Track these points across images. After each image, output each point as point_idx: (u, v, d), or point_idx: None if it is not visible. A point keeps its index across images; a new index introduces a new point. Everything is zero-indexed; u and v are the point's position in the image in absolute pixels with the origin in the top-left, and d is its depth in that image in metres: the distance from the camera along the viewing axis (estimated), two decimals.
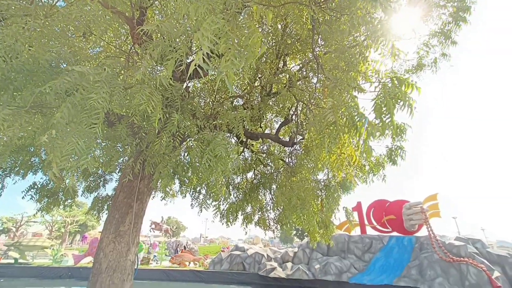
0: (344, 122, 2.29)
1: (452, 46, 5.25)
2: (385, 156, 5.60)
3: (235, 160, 3.85)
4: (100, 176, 7.41)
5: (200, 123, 4.05)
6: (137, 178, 4.02)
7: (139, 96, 2.77)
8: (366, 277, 11.95)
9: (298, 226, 5.70)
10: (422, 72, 5.98)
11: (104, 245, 3.54)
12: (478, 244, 12.49)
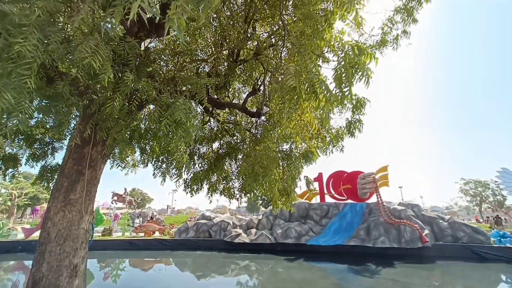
0: (304, 89, 2.29)
1: (413, 24, 5.46)
2: (345, 129, 5.89)
3: (197, 126, 3.71)
4: (47, 143, 6.70)
5: (159, 86, 3.76)
6: (88, 143, 3.70)
7: (82, 48, 2.42)
8: (322, 239, 13.29)
9: (260, 193, 5.92)
10: (385, 48, 6.19)
11: (52, 214, 3.30)
12: (416, 208, 14.49)
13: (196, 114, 3.67)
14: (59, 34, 2.55)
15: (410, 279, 9.52)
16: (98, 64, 2.48)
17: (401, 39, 5.65)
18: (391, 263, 11.16)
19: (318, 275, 10.10)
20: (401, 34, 5.61)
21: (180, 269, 11.44)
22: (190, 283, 9.13)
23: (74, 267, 3.19)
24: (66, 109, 3.03)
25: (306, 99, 2.41)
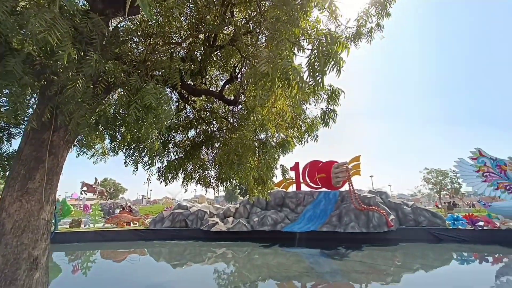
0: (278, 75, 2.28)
1: (386, 18, 5.63)
2: (319, 118, 6.03)
3: (170, 113, 3.58)
4: (3, 128, 6.10)
5: (127, 68, 3.54)
6: (49, 128, 3.42)
7: (36, 21, 2.19)
8: (296, 226, 13.79)
9: (237, 182, 5.94)
10: (360, 41, 6.34)
11: (7, 204, 3.05)
12: (383, 196, 15.49)
13: (169, 100, 3.52)
14: (8, 4, 2.28)
15: (376, 260, 10.27)
16: (56, 40, 2.27)
17: (374, 32, 5.79)
18: (360, 246, 11.93)
19: (292, 260, 10.52)
20: (375, 27, 5.75)
21: (155, 259, 11.29)
22: (165, 272, 9.07)
23: (34, 260, 3.00)
24: (20, 89, 2.74)
25: (279, 86, 2.40)
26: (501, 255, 10.67)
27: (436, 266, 9.68)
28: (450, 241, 12.73)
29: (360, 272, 8.56)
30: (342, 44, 2.45)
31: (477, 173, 14.33)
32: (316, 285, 7.43)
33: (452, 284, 7.41)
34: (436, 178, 59.76)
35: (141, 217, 18.37)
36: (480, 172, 14.30)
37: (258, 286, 7.34)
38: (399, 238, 13.22)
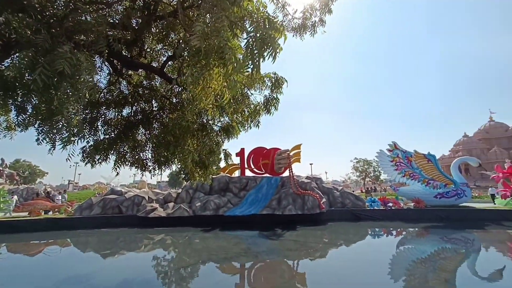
0: (212, 53, 2.18)
1: (329, 14, 5.98)
2: (262, 105, 6.15)
3: (92, 84, 3.12)
4: None
5: (34, 24, 2.91)
6: None
7: None
8: (238, 210, 14.19)
9: (175, 165, 5.69)
10: (304, 33, 6.60)
11: None
12: (318, 181, 17.12)
13: (91, 69, 3.03)
14: None
15: (307, 238, 11.39)
16: None
17: (317, 26, 6.09)
18: (295, 227, 13.03)
19: (232, 242, 10.84)
20: (318, 22, 6.04)
21: (81, 250, 10.17)
22: (94, 262, 8.27)
23: None
24: None
25: (214, 65, 2.31)
26: (401, 229, 13.07)
27: (355, 240, 11.33)
28: (367, 220, 14.99)
29: (293, 249, 9.40)
30: (279, 30, 2.47)
31: (392, 162, 17.06)
32: (253, 263, 7.84)
33: (364, 254, 8.86)
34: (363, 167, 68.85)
35: (64, 204, 16.14)
36: (393, 162, 17.05)
37: (198, 269, 7.36)
38: (328, 218, 14.92)
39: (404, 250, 9.29)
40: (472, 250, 9.36)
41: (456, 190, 15.79)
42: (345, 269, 7.07)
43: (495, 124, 57.29)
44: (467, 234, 11.83)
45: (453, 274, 6.43)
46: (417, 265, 7.25)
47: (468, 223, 13.76)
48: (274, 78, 6.48)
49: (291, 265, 7.65)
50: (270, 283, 6.12)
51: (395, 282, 5.89)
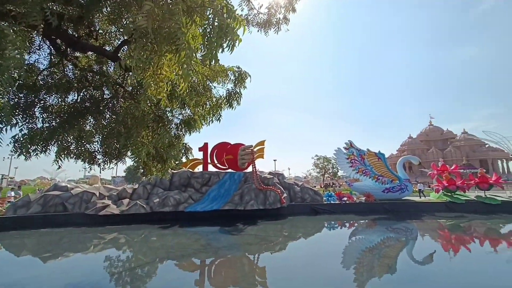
0: (162, 37, 2.01)
1: (292, 13, 6.08)
2: (224, 99, 6.04)
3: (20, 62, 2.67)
4: None
5: None
6: None
7: None
8: (200, 206, 13.87)
9: (125, 157, 5.27)
10: (269, 29, 6.61)
11: None
12: (280, 177, 17.57)
13: (19, 44, 2.58)
14: None
15: (268, 232, 11.64)
16: None
17: (281, 24, 6.15)
18: (256, 222, 13.22)
19: (192, 239, 10.56)
20: (282, 19, 6.10)
21: (14, 253, 8.93)
22: (31, 266, 7.30)
23: None
24: None
25: (168, 50, 2.14)
26: (354, 221, 14.15)
27: (313, 233, 11.93)
28: (324, 213, 15.89)
29: (254, 244, 9.51)
30: (238, 20, 2.39)
31: (347, 160, 18.31)
32: (212, 259, 7.73)
33: (321, 245, 9.40)
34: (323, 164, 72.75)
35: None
36: (349, 159, 18.32)
37: (155, 267, 6.99)
38: (289, 212, 15.45)
39: (356, 240, 10.06)
40: (411, 238, 10.54)
41: (400, 185, 17.62)
42: (303, 260, 7.39)
43: (434, 128, 65.33)
44: (407, 224, 13.29)
45: (394, 260, 7.15)
46: (366, 253, 7.90)
47: (408, 214, 15.47)
48: (237, 72, 6.40)
49: (252, 260, 7.73)
50: (229, 278, 6.10)
51: (347, 270, 6.34)
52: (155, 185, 14.95)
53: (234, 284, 5.68)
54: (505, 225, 12.68)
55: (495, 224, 12.85)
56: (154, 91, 2.67)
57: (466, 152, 55.74)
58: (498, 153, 52.14)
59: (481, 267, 6.72)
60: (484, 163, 52.00)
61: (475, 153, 55.37)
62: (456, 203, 16.20)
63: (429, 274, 6.12)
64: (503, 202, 16.08)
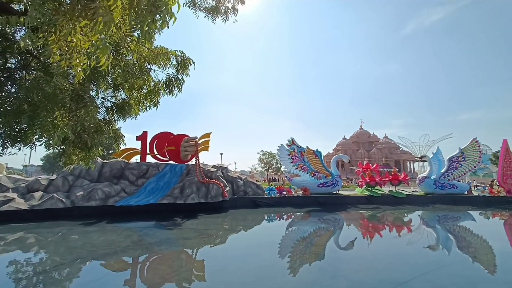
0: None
1: (241, 5, 5.97)
2: (164, 84, 5.59)
3: None
4: None
5: None
6: None
7: None
8: (134, 199, 12.72)
9: (33, 140, 4.39)
10: (217, 17, 6.36)
11: None
12: (224, 170, 17.48)
13: None
14: None
15: (208, 226, 11.46)
16: None
17: (230, 13, 5.98)
18: (196, 215, 12.86)
19: (122, 236, 9.63)
20: (231, 9, 5.94)
21: None
22: None
23: None
24: None
25: (80, 14, 1.77)
26: (291, 213, 15.10)
27: (253, 225, 12.25)
28: (264, 206, 16.51)
29: (191, 238, 9.21)
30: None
31: (289, 156, 19.37)
32: (141, 256, 7.17)
33: (260, 236, 9.72)
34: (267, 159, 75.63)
35: None
36: (290, 155, 19.41)
37: (75, 268, 6.07)
38: (231, 206, 15.52)
39: (292, 231, 10.71)
40: (338, 227, 11.80)
41: (332, 181, 19.57)
42: (241, 251, 7.50)
43: (363, 131, 74.72)
44: (335, 215, 14.86)
45: (323, 248, 7.88)
46: (299, 243, 8.48)
47: (337, 207, 17.34)
48: (181, 57, 5.99)
49: (190, 254, 7.46)
50: (163, 274, 5.72)
51: (282, 259, 6.66)
52: (80, 176, 13.05)
53: (167, 279, 5.36)
54: (407, 214, 15.37)
55: (400, 214, 15.44)
56: (63, 63, 2.21)
57: (386, 154, 65.53)
58: (407, 155, 62.84)
59: (390, 249, 7.96)
60: (398, 164, 62.04)
61: (392, 154, 65.54)
62: (374, 196, 18.86)
63: (350, 258, 6.96)
64: (407, 196, 19.46)
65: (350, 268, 5.95)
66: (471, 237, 9.75)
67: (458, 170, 20.69)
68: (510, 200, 18.91)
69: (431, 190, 20.20)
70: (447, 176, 20.43)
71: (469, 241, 9.08)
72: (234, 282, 5.09)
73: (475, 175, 38.59)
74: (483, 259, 6.94)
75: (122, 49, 5.32)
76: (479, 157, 21.10)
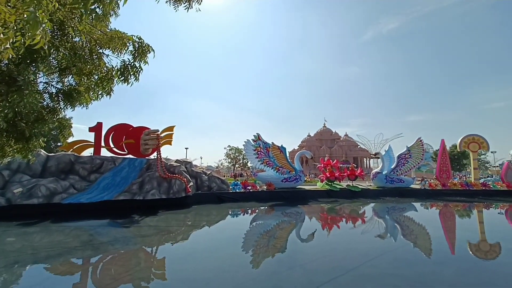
0: None
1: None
2: (118, 71, 5.17)
3: None
4: None
5: None
6: None
7: None
8: (85, 196, 11.66)
9: None
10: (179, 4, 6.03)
11: None
12: (188, 165, 16.98)
13: None
14: None
15: (169, 222, 11.05)
16: None
17: (193, 1, 5.72)
18: (156, 212, 12.30)
19: (69, 236, 8.77)
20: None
21: None
22: None
23: None
24: None
25: None
26: (255, 208, 15.31)
27: (217, 220, 12.14)
28: (229, 201, 16.47)
29: (151, 235, 8.79)
30: None
31: (254, 151, 19.55)
32: (97, 257, 6.62)
33: (224, 232, 9.67)
34: (234, 154, 75.45)
35: None
36: (256, 151, 19.61)
37: (9, 273, 5.34)
38: (194, 201, 15.17)
39: (256, 225, 10.86)
40: (299, 220, 12.30)
41: (296, 176, 20.30)
42: (205, 248, 7.34)
43: (326, 129, 78.84)
44: (298, 209, 15.48)
45: (284, 240, 8.13)
46: (264, 236, 8.62)
47: (299, 201, 18.06)
48: (138, 43, 5.60)
49: (148, 252, 7.09)
50: (111, 275, 5.34)
51: (246, 253, 6.70)
52: (18, 171, 11.51)
53: (122, 280, 5.01)
54: (362, 206, 16.66)
55: (356, 206, 16.68)
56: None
57: (346, 151, 70.10)
58: (364, 152, 67.99)
59: (345, 239, 8.55)
60: (356, 160, 66.86)
61: (351, 151, 70.34)
62: (333, 190, 20.05)
63: (308, 248, 7.30)
64: (362, 190, 21.08)
65: (307, 258, 6.25)
66: (413, 225, 10.95)
67: (405, 166, 23.01)
68: (445, 192, 21.67)
69: (383, 184, 22.16)
70: (396, 171, 22.60)
71: (411, 229, 10.19)
72: (193, 279, 4.99)
73: (419, 171, 43.29)
74: (421, 244, 7.86)
75: (68, 28, 4.77)
76: (422, 155, 23.72)
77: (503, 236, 9.25)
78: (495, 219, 13.35)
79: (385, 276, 4.85)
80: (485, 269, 5.65)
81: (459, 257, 6.46)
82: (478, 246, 7.53)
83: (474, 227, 11.07)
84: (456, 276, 5.04)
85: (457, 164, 57.30)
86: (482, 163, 65.22)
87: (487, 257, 6.51)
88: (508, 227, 11.20)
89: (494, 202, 18.56)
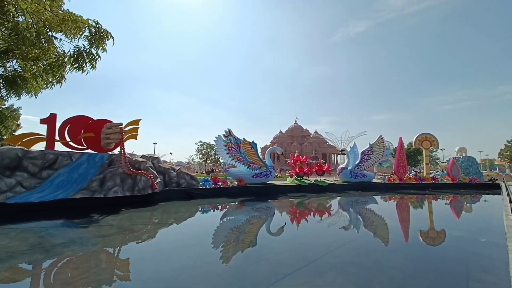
0: None
1: None
2: (71, 57, 4.71)
3: None
4: None
5: None
6: None
7: None
8: (36, 195, 10.54)
9: None
10: None
11: None
12: (155, 161, 16.25)
13: None
14: None
15: (133, 221, 10.51)
16: None
17: None
18: (119, 210, 11.60)
19: (15, 239, 7.86)
20: None
21: None
22: None
23: None
24: None
25: None
26: (225, 204, 15.23)
27: (185, 217, 11.82)
28: (198, 197, 16.17)
29: (112, 235, 8.24)
30: None
31: (225, 147, 19.39)
32: (50, 260, 6.02)
33: (192, 228, 9.43)
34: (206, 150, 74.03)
35: None
36: (227, 146, 19.45)
37: None
38: (161, 198, 14.61)
39: (226, 221, 10.79)
40: (269, 215, 12.51)
41: (266, 172, 20.59)
42: (172, 246, 7.07)
43: (297, 126, 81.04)
44: (268, 204, 15.74)
45: (253, 235, 8.18)
46: (233, 232, 8.57)
47: (269, 196, 18.38)
48: (95, 28, 5.18)
49: (109, 253, 6.62)
50: (65, 280, 4.91)
51: (214, 250, 6.58)
52: None
53: (78, 284, 4.62)
54: (329, 200, 17.48)
55: (323, 200, 17.45)
56: None
57: (315, 147, 72.83)
58: (332, 149, 71.31)
59: (311, 232, 8.87)
60: (325, 156, 69.83)
61: (320, 148, 73.28)
62: (302, 185, 20.74)
63: (276, 242, 7.44)
64: (329, 184, 22.12)
65: (273, 252, 6.37)
66: (373, 216, 11.78)
67: (368, 162, 24.63)
68: (402, 186, 23.69)
69: (348, 179, 23.49)
70: (360, 167, 24.08)
71: (372, 220, 10.95)
72: (157, 278, 4.79)
73: (380, 166, 46.64)
74: (379, 233, 8.48)
75: (8, 6, 4.21)
76: (383, 151, 25.57)
77: (447, 223, 10.40)
78: (441, 209, 14.95)
79: (345, 265, 5.14)
80: (432, 253, 6.30)
81: (410, 245, 7.10)
82: (427, 234, 8.35)
83: (425, 216, 12.28)
84: (406, 262, 5.53)
85: (412, 160, 62.98)
86: (433, 159, 72.50)
87: (434, 243, 7.27)
88: (451, 215, 12.60)
89: (441, 193, 20.78)
